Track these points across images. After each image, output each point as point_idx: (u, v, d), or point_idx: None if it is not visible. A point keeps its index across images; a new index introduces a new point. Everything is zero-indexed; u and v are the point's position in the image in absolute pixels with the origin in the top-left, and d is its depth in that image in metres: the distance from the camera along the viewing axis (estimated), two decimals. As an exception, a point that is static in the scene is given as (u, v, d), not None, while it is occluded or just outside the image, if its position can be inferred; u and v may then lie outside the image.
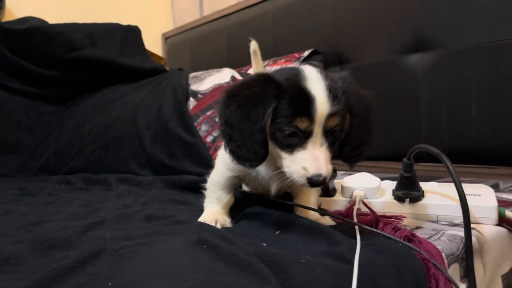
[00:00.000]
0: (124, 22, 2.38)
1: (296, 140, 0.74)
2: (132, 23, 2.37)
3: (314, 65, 1.87)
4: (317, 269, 0.62)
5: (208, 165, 1.53)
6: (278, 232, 0.81)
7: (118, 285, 0.57)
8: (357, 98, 0.78)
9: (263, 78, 0.76)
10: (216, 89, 1.76)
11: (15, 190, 1.46)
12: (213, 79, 1.81)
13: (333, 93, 0.74)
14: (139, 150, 1.64)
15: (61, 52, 2.06)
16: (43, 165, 1.92)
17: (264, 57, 2.07)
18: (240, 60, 2.28)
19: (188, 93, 1.75)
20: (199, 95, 1.75)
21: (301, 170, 0.74)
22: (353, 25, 1.81)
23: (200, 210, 1.03)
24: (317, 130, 0.74)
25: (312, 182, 0.73)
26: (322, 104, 0.73)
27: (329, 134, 0.75)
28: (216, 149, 1.62)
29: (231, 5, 2.51)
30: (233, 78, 1.82)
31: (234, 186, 0.96)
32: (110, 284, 0.57)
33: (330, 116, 0.73)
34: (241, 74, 1.90)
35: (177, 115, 1.66)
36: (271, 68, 1.95)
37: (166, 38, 3.11)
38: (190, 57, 2.82)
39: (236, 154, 0.77)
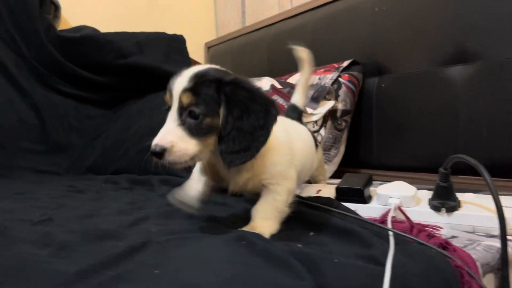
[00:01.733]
0: (169, 31, 2.49)
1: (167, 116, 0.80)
2: (177, 32, 2.47)
3: (353, 76, 1.89)
4: (349, 268, 0.64)
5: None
6: (312, 233, 0.84)
7: (163, 272, 0.61)
8: (243, 99, 0.78)
9: None
10: (256, 96, 1.81)
11: (66, 187, 1.56)
12: (254, 87, 1.86)
13: (198, 77, 0.77)
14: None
15: (111, 59, 2.17)
16: (91, 165, 2.03)
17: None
18: (280, 70, 2.33)
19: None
20: (239, 102, 1.80)
21: None
22: (393, 36, 1.82)
23: (239, 211, 1.08)
24: (174, 105, 0.78)
25: (151, 151, 0.75)
26: (180, 80, 0.78)
27: (185, 112, 0.77)
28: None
29: (272, 15, 2.57)
30: (272, 86, 1.87)
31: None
32: (156, 271, 0.62)
33: (183, 91, 0.76)
34: (280, 83, 1.95)
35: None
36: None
37: (209, 47, 3.21)
38: (231, 66, 2.90)
39: None
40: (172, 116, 0.78)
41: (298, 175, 0.95)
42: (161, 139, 0.75)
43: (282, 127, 0.90)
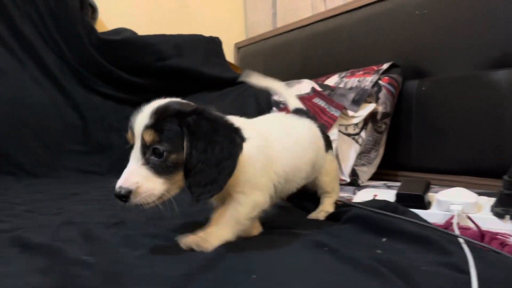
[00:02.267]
0: (199, 32, 2.52)
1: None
2: (207, 33, 2.51)
3: (393, 78, 1.90)
4: (438, 276, 0.66)
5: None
6: (384, 239, 0.86)
7: (261, 278, 0.64)
8: (200, 130, 0.75)
9: None
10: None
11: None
12: (295, 90, 1.89)
13: (159, 112, 0.74)
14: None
15: (150, 61, 2.22)
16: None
17: (340, 69, 2.14)
18: (315, 71, 2.34)
19: (271, 104, 1.83)
20: (281, 105, 1.83)
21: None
22: (434, 39, 1.82)
23: (301, 214, 1.11)
24: (137, 143, 0.75)
25: (115, 194, 0.72)
26: (141, 117, 0.75)
27: (149, 150, 0.73)
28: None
29: (306, 17, 2.58)
30: (313, 89, 1.89)
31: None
32: (253, 276, 0.65)
33: (145, 129, 0.73)
34: (320, 85, 1.97)
35: (262, 124, 1.74)
36: (349, 80, 2.00)
37: (239, 48, 3.24)
38: (262, 67, 2.92)
39: None
40: (135, 155, 0.74)
41: (284, 178, 0.91)
42: (125, 181, 0.72)
43: (255, 131, 0.86)
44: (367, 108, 1.83)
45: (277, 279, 0.64)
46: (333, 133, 1.74)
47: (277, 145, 0.90)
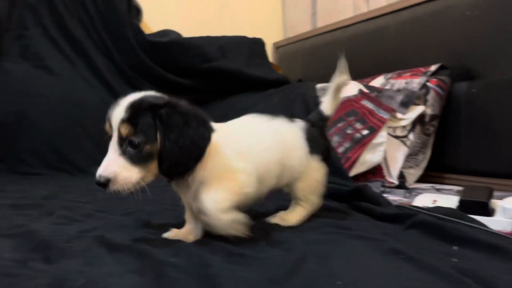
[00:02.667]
0: (238, 31, 2.55)
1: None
2: (245, 33, 2.53)
3: (442, 80, 1.88)
4: (521, 287, 0.67)
5: (341, 175, 1.62)
6: (456, 247, 0.86)
7: (345, 284, 0.66)
8: (172, 122, 0.80)
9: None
10: (345, 101, 1.85)
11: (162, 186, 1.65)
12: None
13: (134, 106, 0.80)
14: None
15: (196, 63, 2.26)
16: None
17: (386, 70, 2.13)
18: (357, 73, 2.32)
19: (318, 105, 1.84)
20: (329, 107, 1.84)
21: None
22: (486, 41, 1.79)
23: (356, 219, 1.12)
24: (114, 135, 0.80)
25: (96, 182, 0.78)
26: (117, 111, 0.80)
27: (125, 142, 0.80)
28: (347, 160, 1.71)
29: (348, 17, 2.58)
30: (360, 91, 1.89)
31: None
32: (338, 283, 0.67)
33: (121, 122, 0.79)
34: (366, 86, 1.97)
35: (310, 126, 1.76)
36: (396, 81, 1.99)
37: (277, 47, 3.26)
38: (301, 67, 2.93)
39: None
40: (113, 146, 0.80)
41: (262, 174, 0.94)
42: (104, 170, 0.78)
43: (223, 127, 0.93)
44: (416, 111, 1.82)
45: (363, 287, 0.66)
46: (382, 136, 1.74)
47: (243, 142, 0.94)
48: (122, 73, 2.35)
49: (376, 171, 1.78)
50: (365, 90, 1.91)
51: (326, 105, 1.25)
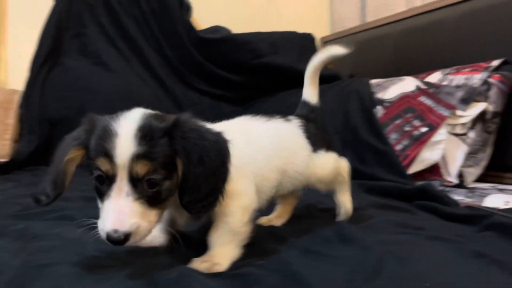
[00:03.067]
0: (283, 27, 2.53)
1: (104, 186, 0.64)
2: (292, 28, 2.52)
3: (505, 76, 1.80)
4: None
5: (399, 173, 1.59)
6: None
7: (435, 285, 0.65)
8: (190, 142, 0.67)
9: (86, 119, 0.72)
10: (403, 98, 1.80)
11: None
12: (398, 88, 1.86)
13: (145, 133, 0.63)
14: (329, 154, 1.75)
15: (247, 59, 2.28)
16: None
17: (443, 65, 2.06)
18: (410, 68, 2.27)
19: (374, 102, 1.81)
20: (386, 104, 1.80)
21: (101, 223, 0.63)
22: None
23: (424, 219, 1.10)
24: (122, 175, 0.63)
25: (109, 239, 0.61)
26: (124, 142, 0.62)
27: (141, 182, 0.63)
28: (405, 158, 1.67)
29: (401, 11, 2.51)
30: (418, 87, 1.84)
31: None
32: (427, 284, 0.66)
33: (136, 158, 0.62)
34: (423, 83, 1.91)
35: (366, 123, 1.73)
36: (454, 77, 1.92)
37: (325, 42, 3.22)
38: (350, 63, 2.88)
39: (40, 186, 0.71)
40: (122, 190, 0.63)
41: (259, 184, 0.83)
42: (120, 223, 0.61)
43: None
44: (477, 108, 1.75)
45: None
46: (441, 133, 1.69)
47: (239, 152, 0.77)
48: (173, 69, 2.40)
49: (433, 170, 1.74)
50: (423, 86, 1.86)
51: (310, 94, 1.16)
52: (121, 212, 0.62)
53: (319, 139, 1.02)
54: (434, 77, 2.01)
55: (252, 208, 0.79)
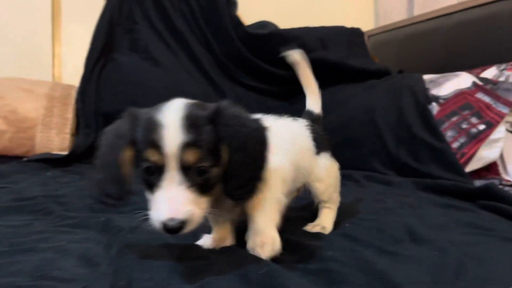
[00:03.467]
0: (326, 20, 2.51)
1: (154, 178, 0.65)
2: (335, 22, 2.49)
3: None
4: None
5: (457, 171, 1.57)
6: None
7: None
8: (237, 128, 0.68)
9: (127, 113, 0.71)
10: (458, 95, 1.77)
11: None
12: (453, 84, 1.82)
13: (191, 122, 0.64)
14: (381, 151, 1.75)
15: (295, 54, 2.27)
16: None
17: (499, 60, 2.00)
18: (462, 63, 2.22)
19: (429, 98, 1.79)
20: (441, 100, 1.77)
21: (155, 213, 0.64)
22: None
23: (492, 219, 1.08)
24: (172, 164, 0.64)
25: (166, 228, 0.62)
26: (173, 132, 0.63)
27: (191, 171, 0.64)
28: (462, 156, 1.64)
29: (452, 4, 2.45)
30: (474, 83, 1.80)
31: None
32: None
33: (185, 147, 0.63)
34: (479, 79, 1.86)
35: (421, 119, 1.71)
36: (511, 73, 1.86)
37: (369, 36, 3.18)
38: (396, 57, 2.84)
39: (99, 189, 0.71)
40: (173, 178, 0.64)
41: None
42: (175, 211, 0.62)
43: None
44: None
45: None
46: (500, 131, 1.65)
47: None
48: (220, 65, 2.42)
49: (490, 168, 1.70)
50: (479, 83, 1.82)
51: (312, 103, 1.17)
52: (175, 201, 0.63)
53: (325, 141, 1.03)
54: (490, 73, 1.96)
55: (289, 181, 0.82)
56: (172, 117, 0.65)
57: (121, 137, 0.69)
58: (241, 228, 0.83)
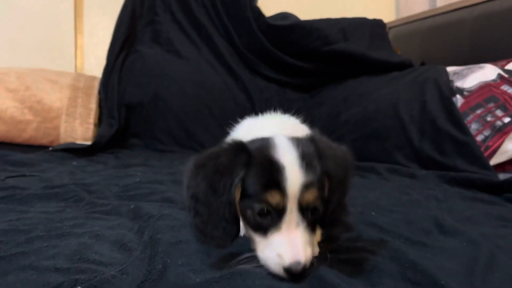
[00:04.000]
0: (347, 12, 2.49)
1: (269, 220, 0.63)
2: (355, 13, 2.47)
3: None
4: None
5: (482, 164, 1.55)
6: None
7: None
8: (334, 160, 0.67)
9: (233, 147, 0.67)
10: (483, 87, 1.74)
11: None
12: (477, 76, 1.79)
13: (306, 161, 0.63)
14: (405, 144, 1.73)
15: (317, 46, 2.27)
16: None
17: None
18: (488, 55, 2.18)
19: (453, 90, 1.77)
20: (465, 93, 1.75)
21: (276, 258, 0.61)
22: None
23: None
24: (291, 206, 0.62)
25: (290, 272, 0.60)
26: (294, 173, 0.62)
27: (307, 211, 0.64)
28: (486, 149, 1.62)
29: (477, -5, 2.40)
30: (500, 75, 1.77)
31: None
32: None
33: (305, 187, 0.62)
34: (505, 71, 1.83)
35: (446, 112, 1.69)
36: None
37: (390, 28, 3.14)
38: (418, 49, 2.80)
39: (202, 231, 0.65)
40: (294, 220, 0.63)
41: None
42: (300, 255, 0.61)
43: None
44: None
45: None
46: (526, 124, 1.62)
47: None
48: (241, 56, 2.43)
49: (515, 162, 1.67)
50: (505, 75, 1.78)
51: None
52: (297, 244, 0.62)
53: None
54: (517, 64, 1.93)
55: None
56: (290, 156, 0.63)
57: (233, 173, 0.64)
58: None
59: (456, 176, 1.46)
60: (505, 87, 1.73)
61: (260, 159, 0.64)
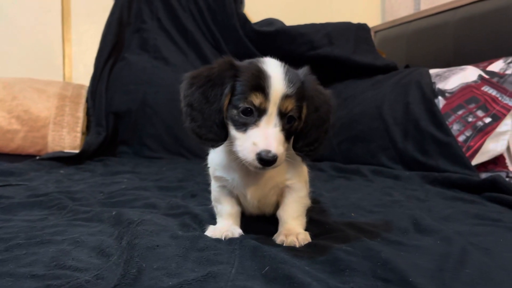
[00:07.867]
0: (334, 16, 2.52)
1: (250, 118, 0.75)
2: (341, 17, 2.50)
3: None
4: None
5: (464, 164, 1.57)
6: None
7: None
8: (316, 93, 0.80)
9: (223, 62, 0.79)
10: (464, 88, 1.77)
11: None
12: (459, 78, 1.82)
13: (289, 78, 0.75)
14: (389, 145, 1.76)
15: (302, 51, 2.29)
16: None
17: (506, 54, 1.99)
18: (470, 57, 2.22)
19: (435, 92, 1.79)
20: (447, 94, 1.78)
21: (251, 146, 0.73)
22: None
23: (498, 211, 1.09)
24: (272, 109, 0.74)
25: (261, 158, 0.71)
26: (278, 83, 0.74)
27: (284, 117, 0.75)
28: (468, 149, 1.64)
29: (459, -2, 2.44)
30: (481, 77, 1.80)
31: (232, 197, 0.91)
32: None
33: (285, 96, 0.74)
34: (486, 72, 1.86)
35: (428, 113, 1.72)
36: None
37: (375, 32, 3.17)
38: (404, 52, 2.84)
39: (198, 134, 0.78)
40: (271, 120, 0.74)
41: None
42: (275, 147, 0.72)
43: None
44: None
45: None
46: (507, 124, 1.65)
47: None
48: (228, 62, 2.44)
49: (497, 161, 1.70)
50: (486, 76, 1.81)
51: None
52: (271, 138, 0.73)
53: None
54: (496, 66, 1.95)
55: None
56: (278, 70, 0.76)
57: (223, 84, 0.76)
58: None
59: (439, 177, 1.49)
60: (485, 88, 1.76)
61: (248, 70, 0.76)
